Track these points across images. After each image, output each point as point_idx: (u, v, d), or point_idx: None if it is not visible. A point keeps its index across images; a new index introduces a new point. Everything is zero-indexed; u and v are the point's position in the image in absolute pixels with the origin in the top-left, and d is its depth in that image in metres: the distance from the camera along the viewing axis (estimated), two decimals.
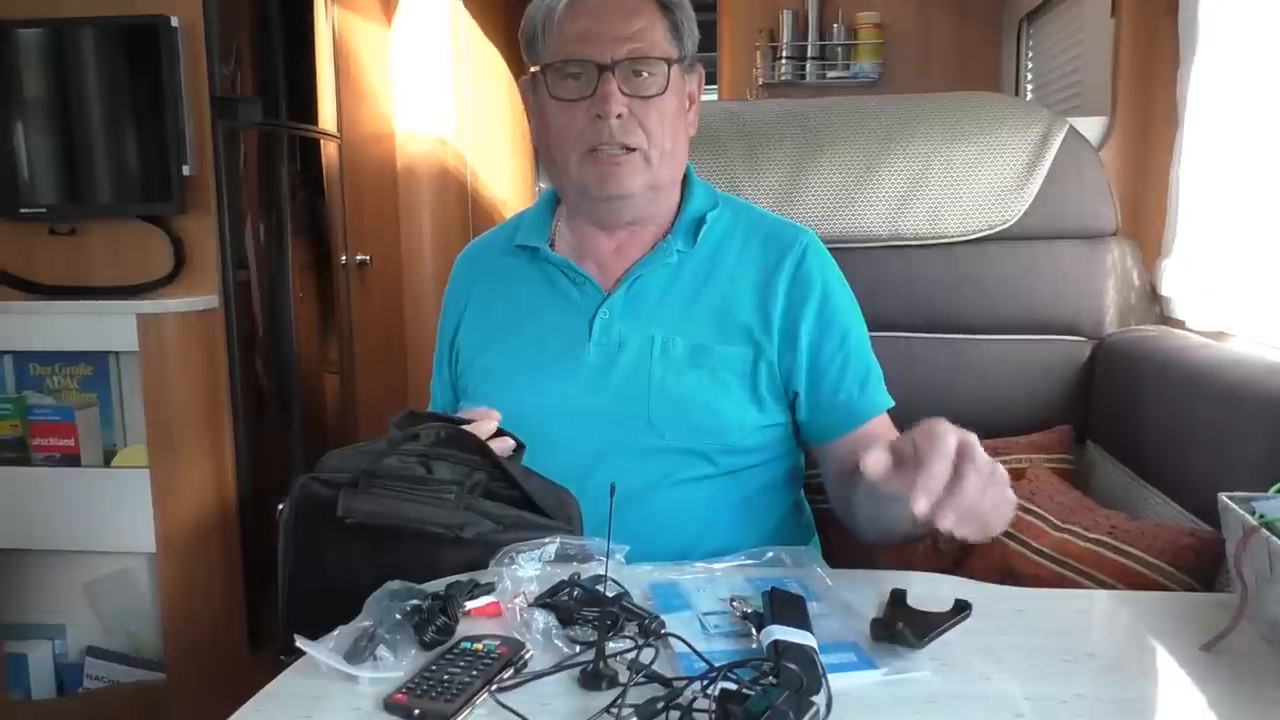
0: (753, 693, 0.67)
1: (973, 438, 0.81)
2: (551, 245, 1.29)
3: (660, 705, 0.68)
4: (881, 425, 1.25)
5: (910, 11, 3.59)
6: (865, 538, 1.21)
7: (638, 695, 0.70)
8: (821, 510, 1.36)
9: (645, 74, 1.17)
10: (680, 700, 0.69)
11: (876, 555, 1.46)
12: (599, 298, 1.24)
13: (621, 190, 1.19)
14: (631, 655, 0.77)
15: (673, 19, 1.20)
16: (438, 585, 0.88)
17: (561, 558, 0.95)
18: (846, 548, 1.27)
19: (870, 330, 1.30)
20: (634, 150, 1.17)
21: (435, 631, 0.81)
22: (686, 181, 1.30)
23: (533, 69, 1.22)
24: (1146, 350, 1.50)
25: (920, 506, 0.78)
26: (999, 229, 1.65)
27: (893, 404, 1.26)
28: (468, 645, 0.80)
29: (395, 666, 0.77)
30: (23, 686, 2.24)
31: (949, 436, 0.80)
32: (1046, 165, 1.63)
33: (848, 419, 1.23)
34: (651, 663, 0.76)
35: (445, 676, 0.75)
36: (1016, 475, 1.51)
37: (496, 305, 1.31)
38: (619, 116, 1.15)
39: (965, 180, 1.64)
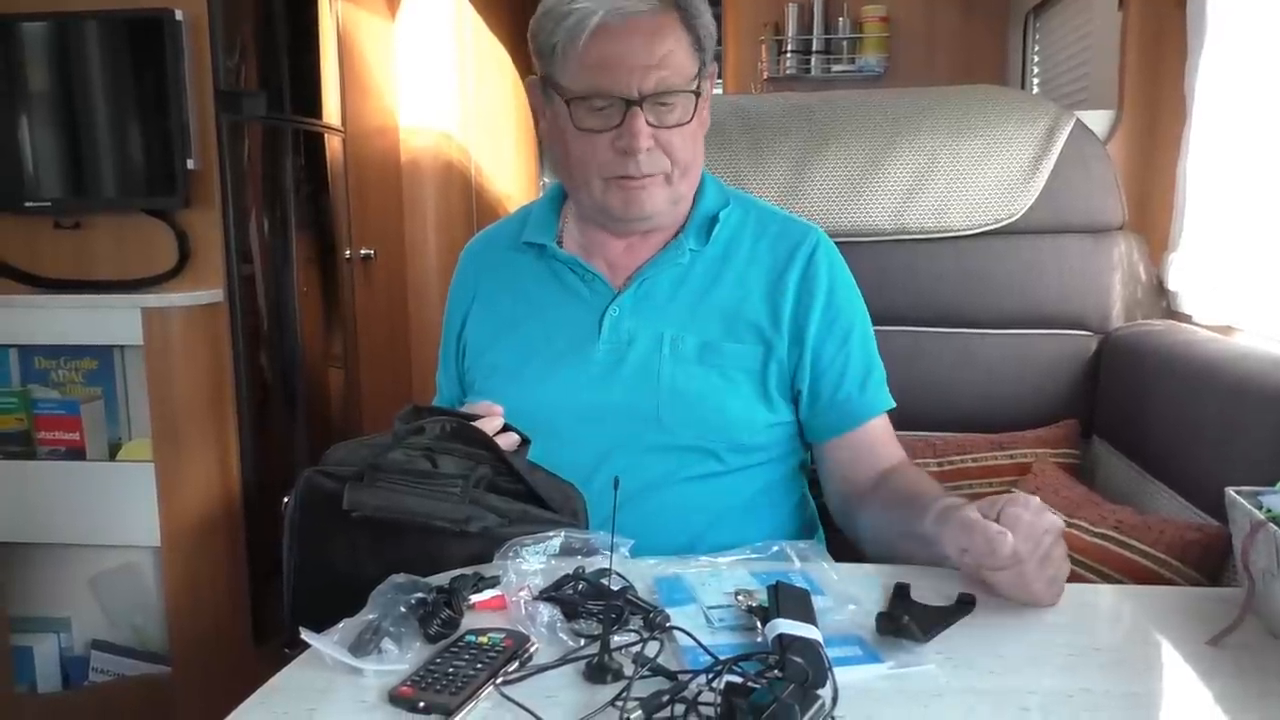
0: (758, 686, 0.67)
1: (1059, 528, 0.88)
2: (559, 242, 1.29)
3: (665, 698, 0.68)
4: (880, 425, 1.25)
5: (916, 5, 3.58)
6: (861, 545, 1.21)
7: (642, 688, 0.70)
8: (824, 504, 1.36)
9: (672, 104, 1.15)
10: (685, 693, 0.69)
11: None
12: (609, 295, 1.24)
13: (645, 213, 1.19)
14: (636, 649, 0.77)
15: (695, 34, 1.16)
16: (442, 578, 0.88)
17: (566, 551, 0.94)
18: (851, 542, 1.27)
19: (876, 325, 1.30)
20: (657, 174, 1.17)
21: (440, 624, 0.81)
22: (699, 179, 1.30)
23: (542, 75, 1.19)
24: (1153, 345, 1.50)
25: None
26: (1005, 223, 1.64)
27: (894, 405, 1.26)
28: (472, 638, 0.80)
29: (400, 659, 0.77)
30: (28, 679, 2.25)
31: (1040, 524, 0.86)
32: (1053, 159, 1.62)
33: (847, 418, 1.23)
34: (656, 656, 0.76)
35: (450, 669, 0.75)
36: (1022, 470, 1.51)
37: (504, 300, 1.30)
38: (647, 150, 1.14)
39: (971, 174, 1.63)
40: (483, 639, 0.79)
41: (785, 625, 0.76)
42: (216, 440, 2.27)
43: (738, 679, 0.70)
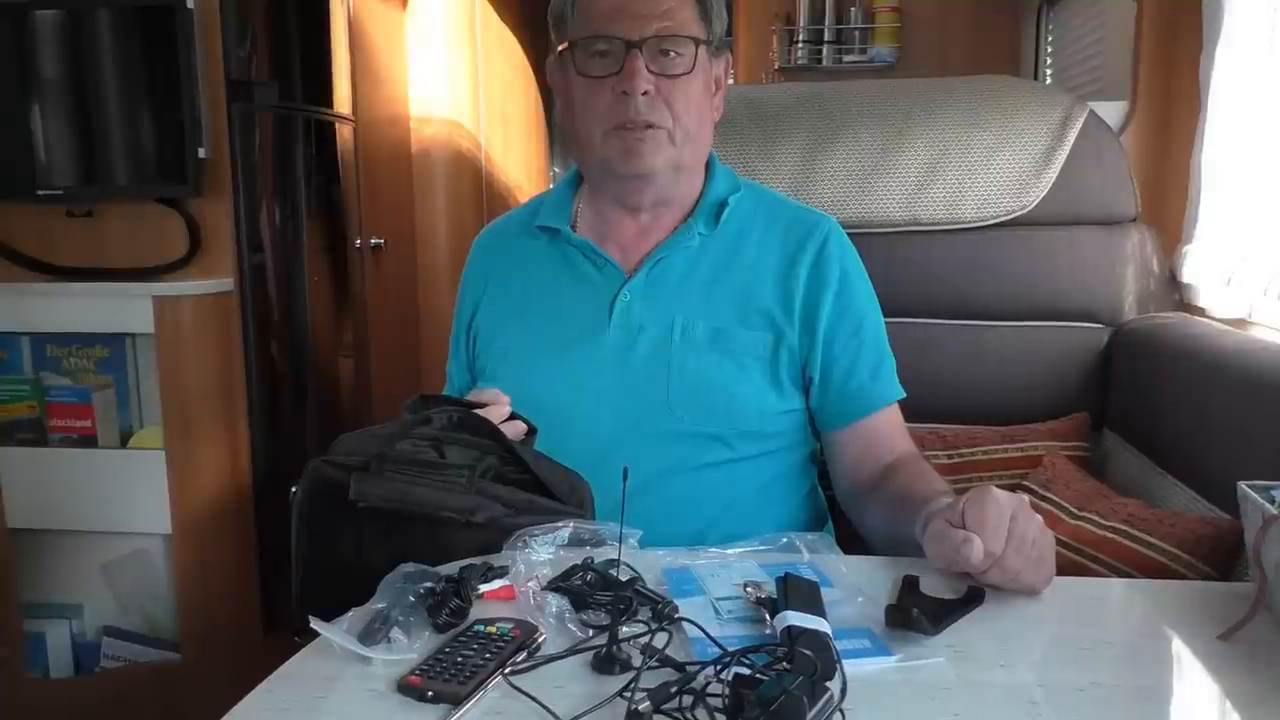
0: (766, 678, 0.67)
1: (1023, 504, 0.87)
2: (573, 227, 1.29)
3: (673, 690, 0.68)
4: (891, 415, 1.25)
5: None
6: (866, 537, 1.21)
7: (651, 679, 0.70)
8: (833, 496, 1.36)
9: (673, 53, 1.16)
10: (693, 685, 0.69)
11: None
12: (620, 280, 1.24)
13: (644, 168, 1.18)
14: (645, 640, 0.77)
15: (703, 2, 1.19)
16: (451, 568, 0.88)
17: (575, 542, 0.94)
18: (860, 534, 1.27)
19: (886, 316, 1.29)
20: (658, 129, 1.17)
21: (449, 614, 0.81)
22: (709, 166, 1.30)
23: (560, 47, 1.22)
24: (1165, 337, 1.49)
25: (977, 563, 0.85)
26: (1017, 214, 1.63)
27: (904, 395, 1.26)
28: (481, 628, 0.80)
29: (408, 648, 0.77)
30: (41, 665, 2.26)
31: (1004, 514, 0.85)
32: (1066, 150, 1.61)
33: (858, 407, 1.23)
34: (665, 647, 0.76)
35: (458, 659, 0.75)
36: (1033, 462, 1.51)
37: (515, 287, 1.31)
38: (645, 94, 1.15)
39: (983, 165, 1.63)
40: (491, 629, 0.79)
41: (794, 617, 0.76)
42: (227, 428, 2.27)
43: (746, 671, 0.69)
